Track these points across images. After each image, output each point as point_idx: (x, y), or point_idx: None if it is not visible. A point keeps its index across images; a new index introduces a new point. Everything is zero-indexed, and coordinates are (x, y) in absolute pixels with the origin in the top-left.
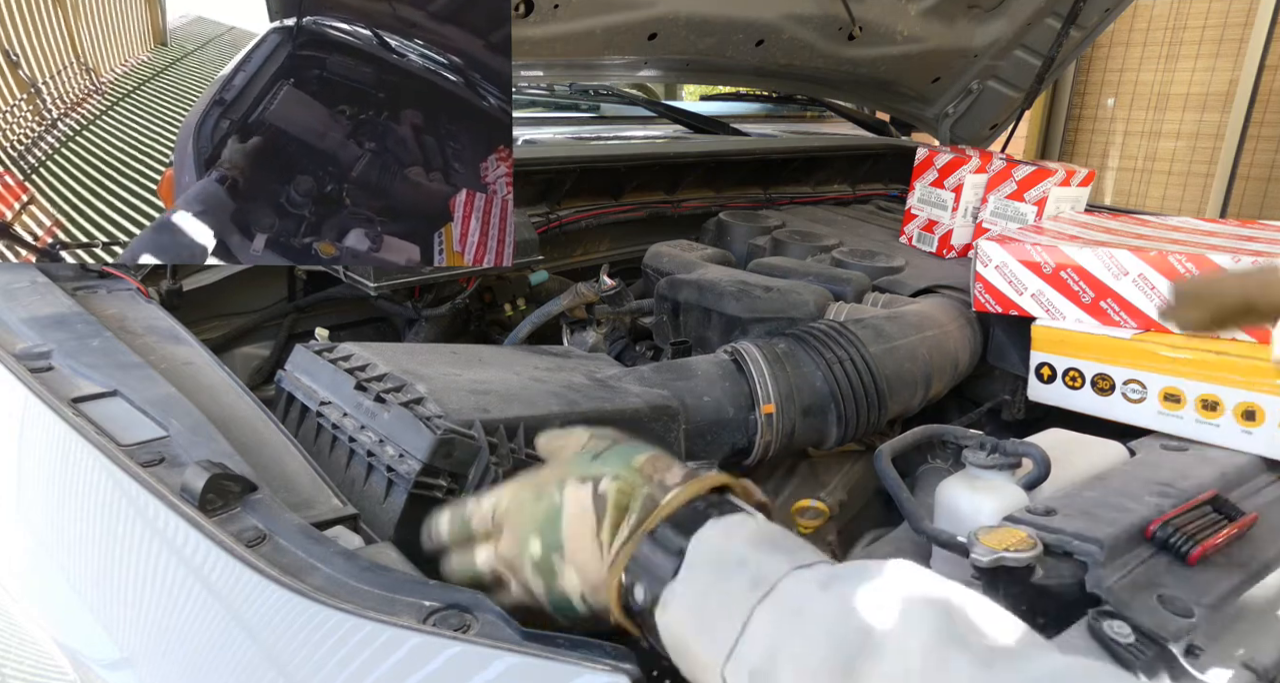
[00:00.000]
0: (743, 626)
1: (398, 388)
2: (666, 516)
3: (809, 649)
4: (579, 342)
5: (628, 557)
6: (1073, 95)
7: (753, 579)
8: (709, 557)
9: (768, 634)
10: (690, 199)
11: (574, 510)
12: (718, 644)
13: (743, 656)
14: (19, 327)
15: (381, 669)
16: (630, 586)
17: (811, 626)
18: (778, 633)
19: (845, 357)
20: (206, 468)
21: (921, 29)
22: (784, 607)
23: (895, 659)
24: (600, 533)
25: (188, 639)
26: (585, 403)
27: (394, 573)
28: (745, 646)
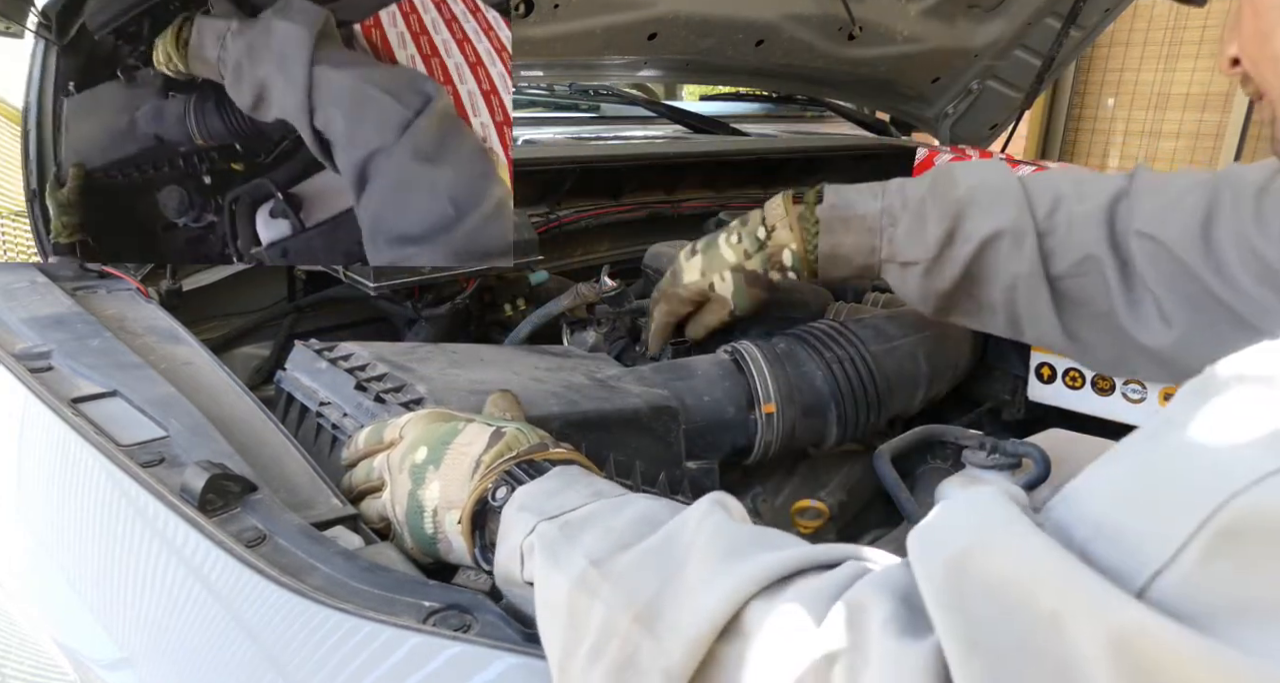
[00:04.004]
0: (575, 506)
1: (398, 388)
2: (547, 457)
3: (618, 522)
4: (579, 342)
5: (501, 471)
6: (1073, 95)
7: (595, 492)
8: (567, 475)
9: (591, 510)
10: (690, 199)
11: (468, 437)
12: (546, 512)
13: (565, 518)
14: (19, 327)
15: (381, 669)
16: (494, 488)
17: (628, 510)
18: (598, 510)
19: (845, 356)
20: (206, 468)
21: (921, 29)
22: (612, 502)
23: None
24: (484, 455)
25: (188, 639)
26: (585, 403)
27: (394, 573)
28: (571, 515)
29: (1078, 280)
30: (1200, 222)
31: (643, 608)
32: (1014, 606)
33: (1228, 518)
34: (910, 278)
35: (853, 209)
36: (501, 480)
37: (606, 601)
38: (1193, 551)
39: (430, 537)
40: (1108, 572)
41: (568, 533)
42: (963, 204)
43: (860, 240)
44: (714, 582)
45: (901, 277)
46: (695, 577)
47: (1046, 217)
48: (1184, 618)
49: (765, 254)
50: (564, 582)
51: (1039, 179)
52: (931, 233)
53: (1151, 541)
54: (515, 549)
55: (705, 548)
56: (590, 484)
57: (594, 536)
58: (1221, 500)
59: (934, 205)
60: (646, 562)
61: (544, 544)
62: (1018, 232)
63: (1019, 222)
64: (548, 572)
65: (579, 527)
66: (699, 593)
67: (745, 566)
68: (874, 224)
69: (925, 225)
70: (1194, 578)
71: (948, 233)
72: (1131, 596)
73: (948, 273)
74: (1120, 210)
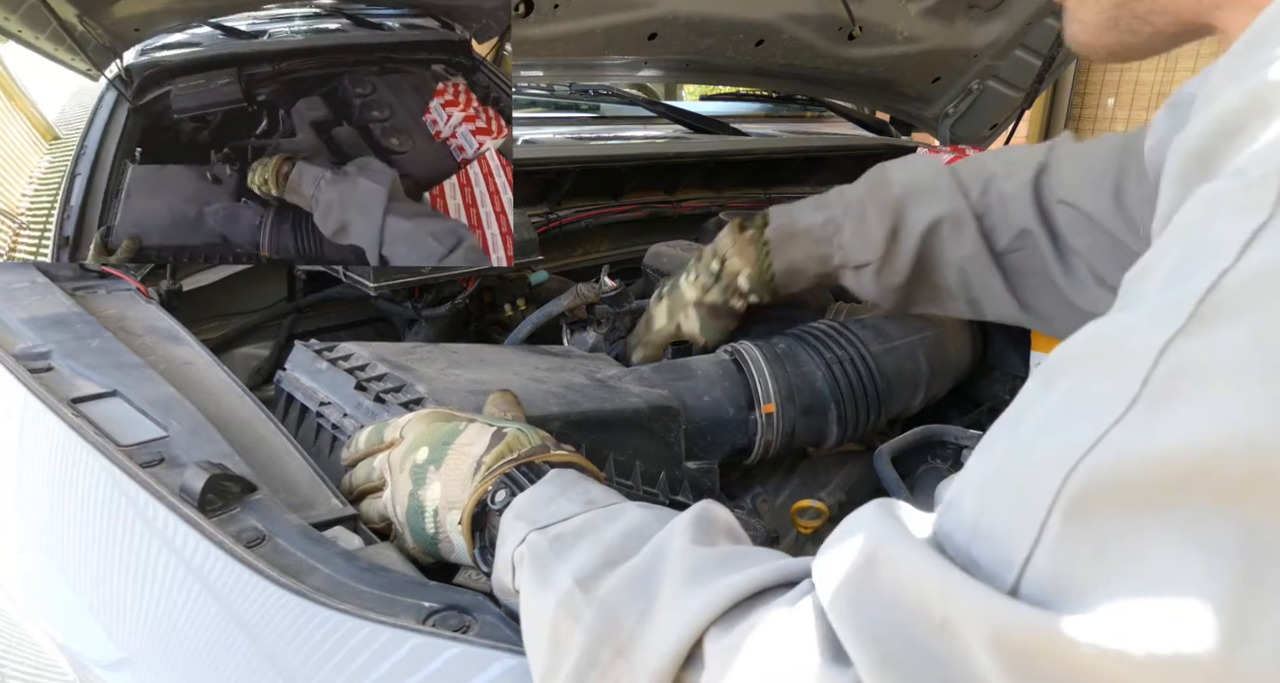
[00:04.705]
0: (568, 516)
1: (397, 388)
2: (547, 460)
3: (609, 533)
4: (579, 342)
5: (502, 473)
6: (1073, 95)
7: (588, 500)
8: (561, 480)
9: (583, 521)
10: (690, 199)
11: (469, 437)
12: (538, 522)
13: (557, 530)
14: (19, 327)
15: (381, 670)
16: (494, 490)
17: (620, 521)
18: (590, 521)
19: (845, 356)
20: (206, 468)
21: (921, 29)
22: (604, 512)
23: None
24: (485, 455)
25: (187, 640)
26: (585, 403)
27: (394, 574)
28: (562, 526)
29: (1020, 254)
30: (1112, 188)
31: (625, 641)
32: (910, 620)
33: (1072, 491)
34: (865, 279)
35: (798, 224)
36: (501, 483)
37: (589, 627)
38: (1051, 531)
39: (431, 537)
40: (987, 571)
41: (557, 548)
42: (899, 200)
43: (811, 251)
44: (674, 611)
45: (857, 279)
46: (662, 605)
47: (980, 197)
48: (1056, 600)
49: (722, 284)
50: (550, 601)
51: (968, 164)
52: (876, 233)
53: (1015, 532)
54: (508, 559)
55: (672, 573)
56: (585, 491)
57: (583, 550)
58: (1064, 475)
59: (873, 207)
60: (629, 586)
61: (533, 556)
62: (956, 217)
63: (955, 207)
64: (534, 588)
65: (569, 541)
66: (661, 623)
67: (704, 593)
68: (820, 235)
69: (869, 227)
70: (1058, 557)
71: (891, 230)
72: (1003, 593)
73: (899, 267)
74: (1045, 181)
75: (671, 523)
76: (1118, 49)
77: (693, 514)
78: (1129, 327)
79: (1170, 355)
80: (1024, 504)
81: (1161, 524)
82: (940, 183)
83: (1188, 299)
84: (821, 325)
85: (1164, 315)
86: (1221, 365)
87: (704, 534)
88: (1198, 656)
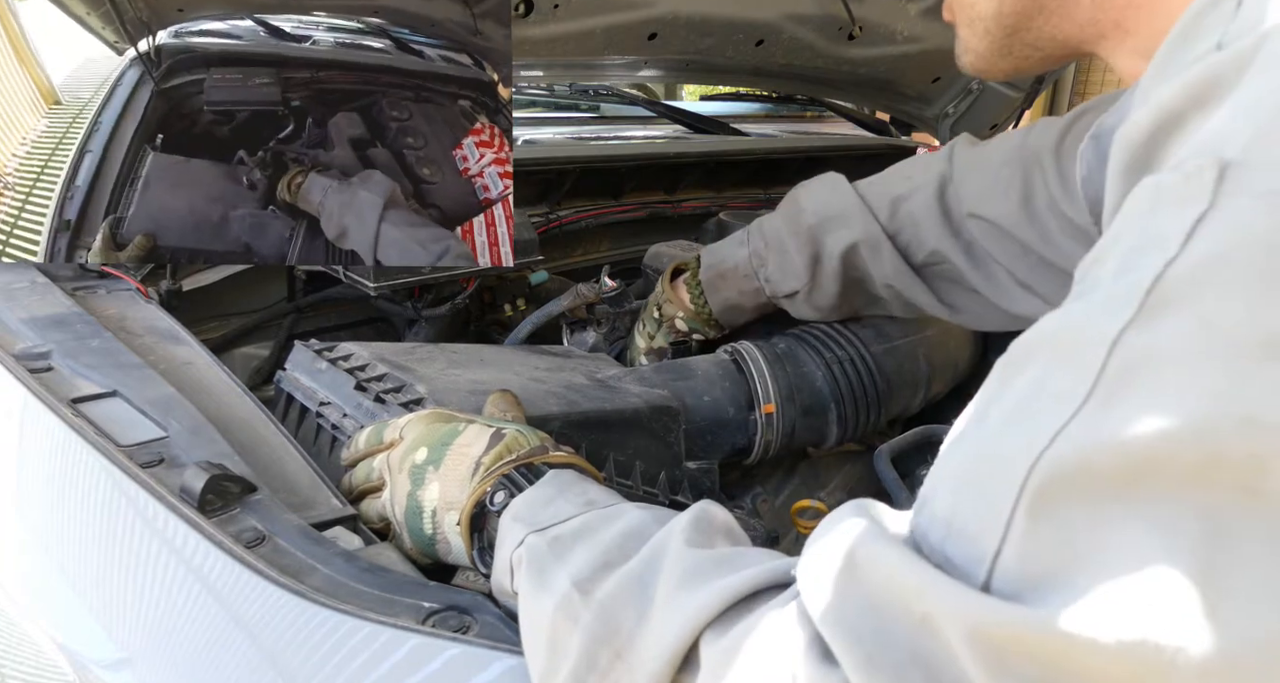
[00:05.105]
0: (566, 517)
1: (397, 388)
2: (546, 461)
3: (607, 535)
4: (579, 342)
5: (501, 474)
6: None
7: (587, 501)
8: (560, 481)
9: (581, 522)
10: (690, 199)
11: (468, 438)
12: (536, 524)
13: (555, 532)
14: (19, 327)
15: (381, 670)
16: (493, 492)
17: (618, 522)
18: (588, 522)
19: (845, 356)
20: (206, 469)
21: (921, 29)
22: (602, 514)
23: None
24: (484, 456)
25: (187, 640)
26: (585, 403)
27: (393, 574)
28: (560, 528)
29: (938, 268)
30: (1019, 197)
31: (623, 643)
32: (891, 619)
33: (1036, 482)
34: (798, 304)
35: (725, 263)
36: (500, 484)
37: (587, 629)
38: (1017, 524)
39: (429, 538)
40: (961, 568)
41: (555, 550)
42: (814, 229)
43: (743, 287)
44: (669, 614)
45: (791, 305)
46: (658, 607)
47: (889, 219)
48: (1026, 593)
49: (664, 330)
50: (548, 604)
51: (873, 185)
52: (798, 262)
53: (984, 529)
54: (506, 561)
55: (668, 575)
56: (583, 492)
57: (581, 552)
58: (1026, 471)
59: (791, 238)
60: (627, 588)
61: (531, 559)
62: (870, 240)
63: (868, 230)
64: (532, 591)
65: (567, 543)
66: (657, 626)
67: (699, 595)
68: (747, 270)
69: (790, 257)
70: (1024, 552)
71: (812, 257)
72: (975, 588)
73: (827, 291)
74: (952, 193)
75: (669, 525)
76: (1013, 72)
77: (690, 516)
78: (1083, 317)
79: (1122, 347)
80: (990, 501)
81: (1122, 514)
82: (850, 209)
83: (1137, 290)
84: (821, 325)
85: (1115, 306)
86: (1171, 354)
87: (701, 536)
88: (1166, 640)
